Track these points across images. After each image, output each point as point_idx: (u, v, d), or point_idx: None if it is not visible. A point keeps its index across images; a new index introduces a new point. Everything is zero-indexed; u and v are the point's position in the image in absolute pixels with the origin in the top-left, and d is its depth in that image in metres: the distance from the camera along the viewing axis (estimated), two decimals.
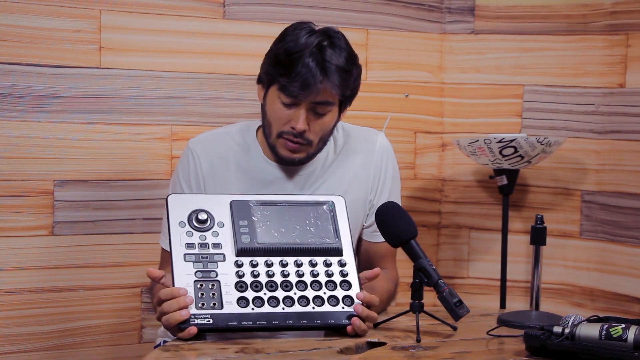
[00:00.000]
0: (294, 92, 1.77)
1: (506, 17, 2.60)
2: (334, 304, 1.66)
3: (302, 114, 1.79)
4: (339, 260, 1.71)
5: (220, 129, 1.97)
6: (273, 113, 1.82)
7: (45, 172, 2.23)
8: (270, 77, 1.81)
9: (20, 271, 2.22)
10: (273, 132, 1.84)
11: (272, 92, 1.82)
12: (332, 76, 1.76)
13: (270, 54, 1.83)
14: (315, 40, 1.77)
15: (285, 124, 1.81)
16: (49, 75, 2.21)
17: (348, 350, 1.59)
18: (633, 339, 1.44)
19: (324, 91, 1.78)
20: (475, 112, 2.65)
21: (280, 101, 1.80)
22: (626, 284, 2.45)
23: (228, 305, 1.62)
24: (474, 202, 2.67)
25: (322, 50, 1.77)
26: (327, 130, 1.86)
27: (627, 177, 2.46)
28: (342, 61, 1.78)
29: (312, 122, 1.81)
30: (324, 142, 1.89)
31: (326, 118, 1.83)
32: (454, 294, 1.66)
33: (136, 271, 2.33)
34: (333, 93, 1.79)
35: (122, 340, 2.35)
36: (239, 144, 1.92)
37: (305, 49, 1.76)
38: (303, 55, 1.75)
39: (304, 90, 1.76)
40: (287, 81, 1.76)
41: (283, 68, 1.77)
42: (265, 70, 1.84)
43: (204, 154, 1.91)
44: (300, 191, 1.91)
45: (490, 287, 2.64)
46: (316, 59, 1.75)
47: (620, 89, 2.46)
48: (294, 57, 1.76)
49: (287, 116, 1.80)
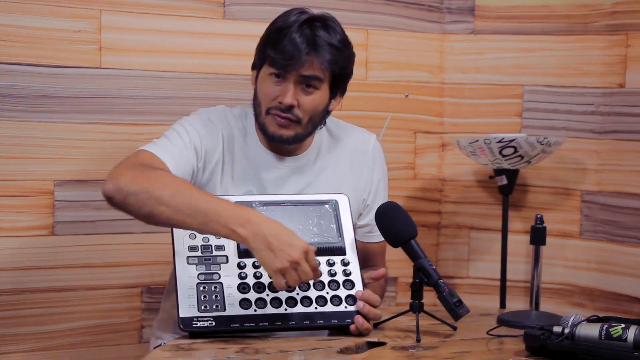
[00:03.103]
0: (280, 62, 1.78)
1: (506, 17, 2.60)
2: (337, 303, 1.66)
3: (290, 87, 1.80)
4: (342, 260, 1.72)
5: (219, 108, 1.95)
6: (262, 90, 1.84)
7: (45, 172, 2.23)
8: (261, 54, 1.84)
9: (20, 271, 2.22)
10: (262, 109, 1.85)
11: (263, 71, 1.84)
12: (319, 49, 1.79)
13: (263, 35, 1.87)
14: (305, 17, 1.81)
15: (274, 99, 1.82)
16: (49, 75, 2.21)
17: (348, 350, 1.59)
18: (633, 339, 1.44)
19: (310, 64, 1.79)
20: (475, 112, 2.65)
21: (270, 77, 1.82)
22: (626, 284, 2.45)
23: (231, 307, 1.62)
24: (474, 202, 2.67)
25: (313, 26, 1.80)
26: (316, 111, 1.86)
27: (627, 177, 2.46)
28: (332, 39, 1.81)
29: (300, 98, 1.82)
30: (314, 125, 1.88)
31: (315, 96, 1.83)
32: (453, 294, 1.66)
33: (136, 271, 2.33)
34: (321, 67, 1.81)
35: (122, 340, 2.35)
36: (239, 129, 1.92)
37: (294, 24, 1.79)
38: (292, 29, 1.78)
39: (291, 60, 1.77)
40: (274, 53, 1.78)
41: (273, 42, 1.80)
42: (257, 51, 1.87)
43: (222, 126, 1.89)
44: (294, 181, 1.91)
45: (490, 287, 2.64)
46: (304, 33, 1.78)
47: (620, 89, 2.46)
48: (283, 32, 1.79)
49: (275, 91, 1.82)
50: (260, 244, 1.57)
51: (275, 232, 1.57)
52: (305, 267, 1.57)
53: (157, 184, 1.64)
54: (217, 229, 1.59)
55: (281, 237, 1.57)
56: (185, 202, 1.61)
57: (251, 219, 1.58)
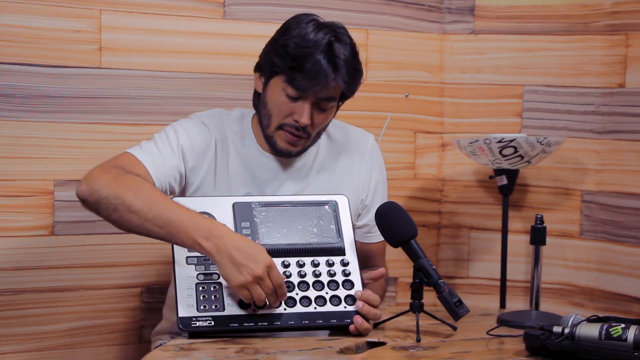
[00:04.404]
0: (304, 87, 1.76)
1: (506, 17, 2.60)
2: (336, 303, 1.67)
3: (307, 108, 1.79)
4: (341, 260, 1.72)
5: (214, 111, 1.95)
6: (275, 105, 1.81)
7: (45, 172, 2.23)
8: (276, 68, 1.80)
9: (20, 271, 2.22)
10: (273, 123, 1.83)
11: (275, 83, 1.81)
12: (342, 72, 1.77)
13: (276, 45, 1.82)
14: (324, 36, 1.77)
15: (288, 116, 1.81)
16: (49, 75, 2.21)
17: (348, 350, 1.59)
18: (633, 339, 1.44)
19: (333, 88, 1.79)
20: (475, 112, 2.65)
21: (285, 93, 1.79)
22: (626, 284, 2.45)
23: (230, 307, 1.62)
24: (474, 202, 2.67)
25: (332, 46, 1.77)
26: (325, 125, 1.88)
27: (627, 177, 2.46)
28: (349, 56, 1.79)
29: (314, 117, 1.81)
30: (319, 135, 1.90)
31: (328, 113, 1.84)
32: (453, 294, 1.66)
33: (136, 271, 2.33)
34: (340, 89, 1.80)
35: (122, 340, 2.35)
36: (235, 132, 1.92)
37: (316, 44, 1.75)
38: (315, 52, 1.75)
39: (316, 87, 1.76)
40: (299, 75, 1.75)
41: (293, 61, 1.76)
42: (269, 60, 1.82)
43: (215, 130, 1.89)
44: (292, 183, 1.91)
45: (490, 287, 2.64)
46: (327, 56, 1.76)
47: (620, 89, 2.46)
48: (305, 52, 1.75)
49: (290, 109, 1.80)
50: (224, 258, 1.57)
51: (239, 246, 1.57)
52: (268, 283, 1.57)
53: (129, 192, 1.65)
54: (182, 240, 1.61)
55: (245, 251, 1.57)
56: (154, 212, 1.62)
57: (216, 232, 1.58)
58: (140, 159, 1.78)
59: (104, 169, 1.72)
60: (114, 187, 1.66)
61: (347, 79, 1.78)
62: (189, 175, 1.85)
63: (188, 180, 1.85)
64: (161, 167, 1.79)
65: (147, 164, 1.77)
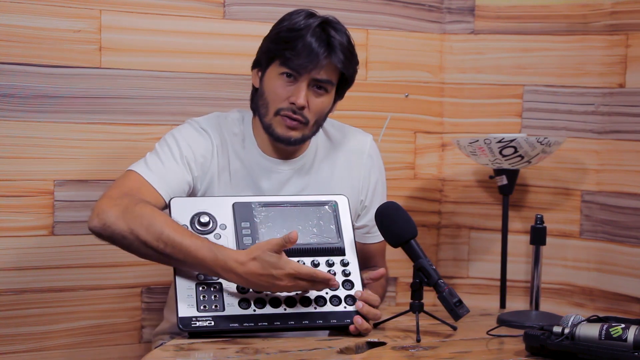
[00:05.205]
0: (298, 66, 1.78)
1: (506, 17, 2.60)
2: (336, 303, 1.67)
3: (302, 88, 1.80)
4: (341, 260, 1.72)
5: (211, 116, 1.95)
6: (272, 90, 1.82)
7: (45, 172, 2.23)
8: (271, 54, 1.82)
9: (20, 271, 2.22)
10: (270, 110, 1.83)
11: (272, 70, 1.83)
12: (336, 51, 1.79)
13: (270, 34, 1.85)
14: (316, 20, 1.80)
15: (284, 100, 1.81)
16: (49, 75, 2.21)
17: (348, 350, 1.59)
18: (633, 339, 1.44)
19: (327, 67, 1.80)
20: (475, 112, 2.65)
21: (280, 76, 1.81)
22: (626, 284, 2.45)
23: (230, 307, 1.62)
24: (474, 202, 2.67)
25: (325, 28, 1.80)
26: (322, 114, 1.87)
27: (627, 177, 2.46)
28: (344, 41, 1.81)
29: (311, 100, 1.82)
30: (318, 126, 1.89)
31: (324, 99, 1.84)
32: (453, 294, 1.66)
33: (136, 271, 2.33)
34: (335, 71, 1.81)
35: (122, 340, 2.35)
36: (235, 134, 1.92)
37: (307, 26, 1.78)
38: (307, 32, 1.78)
39: (309, 64, 1.77)
40: (291, 54, 1.77)
41: (286, 43, 1.79)
42: (264, 50, 1.85)
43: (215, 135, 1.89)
44: (291, 183, 1.91)
45: (490, 287, 2.64)
46: (320, 36, 1.78)
47: (620, 89, 2.46)
48: (298, 33, 1.78)
49: (286, 92, 1.81)
50: (251, 284, 1.61)
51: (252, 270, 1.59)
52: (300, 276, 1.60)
53: (142, 228, 1.65)
54: (204, 273, 1.65)
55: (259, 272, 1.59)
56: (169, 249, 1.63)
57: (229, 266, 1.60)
58: (147, 180, 1.78)
59: (113, 200, 1.71)
60: (125, 222, 1.66)
61: (343, 59, 1.80)
62: (195, 183, 1.86)
63: (194, 188, 1.86)
64: (169, 183, 1.79)
65: (154, 183, 1.77)
